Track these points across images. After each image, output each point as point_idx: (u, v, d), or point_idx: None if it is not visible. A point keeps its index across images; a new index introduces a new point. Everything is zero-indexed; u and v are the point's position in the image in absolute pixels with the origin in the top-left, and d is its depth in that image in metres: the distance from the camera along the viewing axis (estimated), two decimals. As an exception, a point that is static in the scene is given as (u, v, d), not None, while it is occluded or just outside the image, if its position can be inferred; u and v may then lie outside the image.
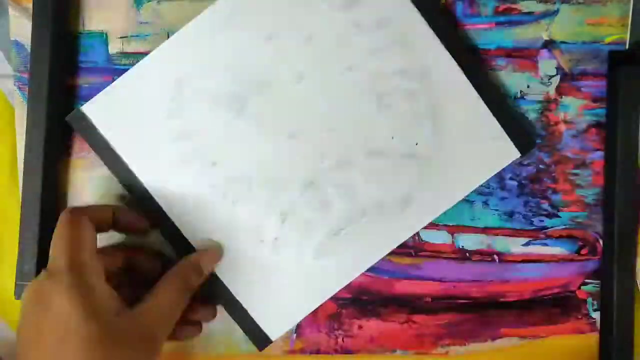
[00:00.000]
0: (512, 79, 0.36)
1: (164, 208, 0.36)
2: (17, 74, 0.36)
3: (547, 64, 0.36)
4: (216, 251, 0.35)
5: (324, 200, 0.36)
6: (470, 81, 0.35)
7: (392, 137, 0.35)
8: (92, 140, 0.35)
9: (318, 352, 0.37)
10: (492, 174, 0.36)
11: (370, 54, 0.35)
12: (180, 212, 0.36)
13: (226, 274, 0.36)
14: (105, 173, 0.36)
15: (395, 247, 0.36)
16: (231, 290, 0.36)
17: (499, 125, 0.35)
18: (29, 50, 0.35)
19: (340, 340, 0.37)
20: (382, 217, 0.36)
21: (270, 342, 0.36)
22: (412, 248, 0.37)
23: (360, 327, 0.37)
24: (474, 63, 0.35)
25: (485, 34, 0.36)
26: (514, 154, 0.35)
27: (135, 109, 0.35)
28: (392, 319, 0.37)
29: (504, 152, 0.35)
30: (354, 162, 0.35)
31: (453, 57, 0.35)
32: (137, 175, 0.35)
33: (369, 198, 0.36)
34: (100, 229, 0.32)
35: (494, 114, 0.35)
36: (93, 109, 0.35)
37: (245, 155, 0.35)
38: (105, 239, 0.35)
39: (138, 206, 0.36)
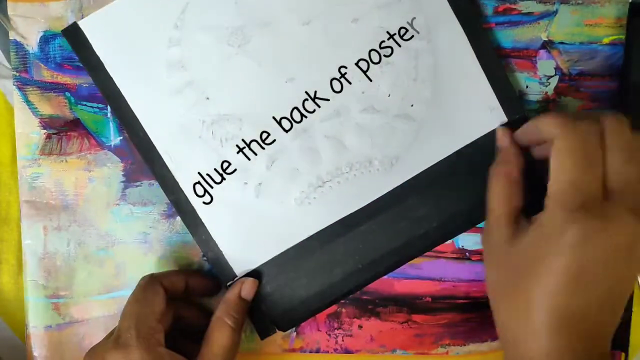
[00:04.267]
0: (511, 79, 0.36)
1: (151, 136, 0.35)
2: (17, 74, 0.36)
3: (545, 65, 0.36)
4: (253, 281, 0.35)
5: (313, 150, 0.35)
6: (473, 48, 0.35)
7: (389, 95, 0.35)
8: (85, 57, 0.35)
9: (318, 351, 0.37)
10: (475, 139, 0.35)
11: (377, 8, 0.35)
12: (166, 142, 0.35)
13: (205, 211, 0.35)
14: (105, 173, 0.36)
15: (375, 198, 0.35)
16: (208, 228, 0.35)
17: (495, 96, 0.35)
18: (28, 50, 0.36)
19: (340, 339, 0.37)
20: (369, 174, 0.35)
21: (235, 275, 0.35)
22: (411, 248, 0.37)
23: (360, 326, 0.37)
24: (480, 33, 0.35)
25: (484, 34, 0.36)
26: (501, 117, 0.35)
27: (135, 32, 0.34)
28: (392, 318, 0.37)
29: (493, 118, 0.35)
30: (349, 115, 0.35)
31: (460, 22, 0.35)
32: (127, 99, 0.35)
33: (359, 153, 0.35)
34: (173, 294, 0.33)
35: (491, 84, 0.35)
36: (90, 25, 0.34)
37: (240, 94, 0.35)
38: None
39: (123, 130, 0.35)
